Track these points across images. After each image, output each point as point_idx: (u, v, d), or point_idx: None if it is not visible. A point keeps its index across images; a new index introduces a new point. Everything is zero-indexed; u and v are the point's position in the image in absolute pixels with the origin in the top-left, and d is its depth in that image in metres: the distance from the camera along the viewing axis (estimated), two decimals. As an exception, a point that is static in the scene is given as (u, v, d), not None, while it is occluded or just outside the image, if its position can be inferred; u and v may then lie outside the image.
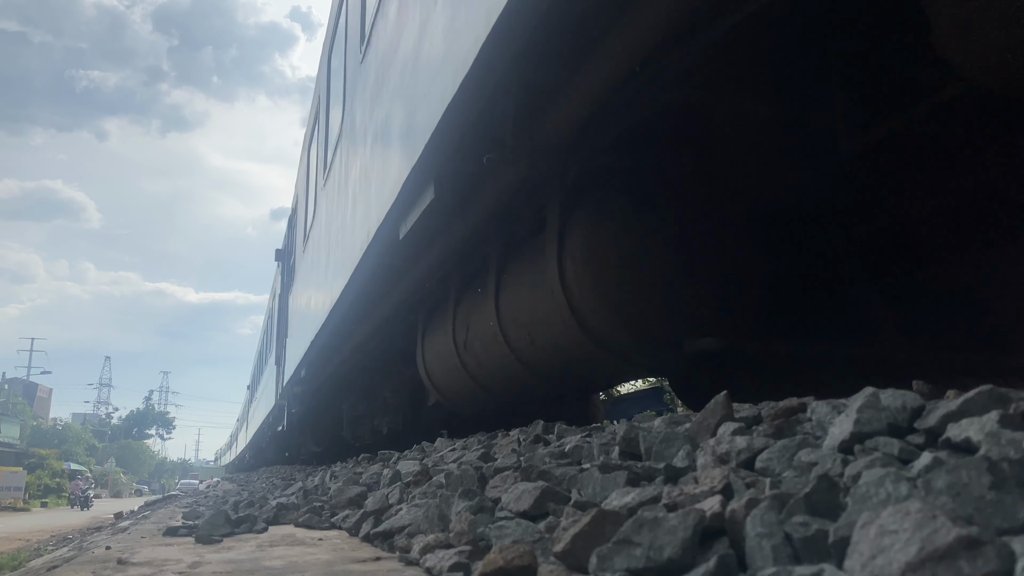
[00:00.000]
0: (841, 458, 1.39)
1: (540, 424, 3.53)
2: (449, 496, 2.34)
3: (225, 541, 2.71)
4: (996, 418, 1.21)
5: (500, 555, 1.40)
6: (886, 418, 1.48)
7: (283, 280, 14.16)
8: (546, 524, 1.73)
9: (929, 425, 1.41)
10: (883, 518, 0.93)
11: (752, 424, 1.95)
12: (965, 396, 1.39)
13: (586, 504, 1.72)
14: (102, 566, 2.18)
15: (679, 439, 2.01)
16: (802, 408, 1.91)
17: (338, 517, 3.07)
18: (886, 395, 1.55)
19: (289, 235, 14.01)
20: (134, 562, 2.24)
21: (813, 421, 1.79)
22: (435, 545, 1.84)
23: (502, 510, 1.97)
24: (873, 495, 1.12)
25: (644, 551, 1.19)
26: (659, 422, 2.48)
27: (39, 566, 2.66)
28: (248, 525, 3.08)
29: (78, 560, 2.39)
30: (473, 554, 1.65)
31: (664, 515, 1.23)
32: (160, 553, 2.45)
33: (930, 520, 0.88)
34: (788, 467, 1.52)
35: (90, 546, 3.02)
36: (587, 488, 1.88)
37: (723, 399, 2.04)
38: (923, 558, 0.84)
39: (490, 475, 2.50)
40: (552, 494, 1.90)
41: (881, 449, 1.38)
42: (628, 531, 1.23)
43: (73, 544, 4.38)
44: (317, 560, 2.12)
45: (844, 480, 1.27)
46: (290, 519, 3.38)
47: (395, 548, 2.14)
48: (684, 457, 1.89)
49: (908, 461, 1.30)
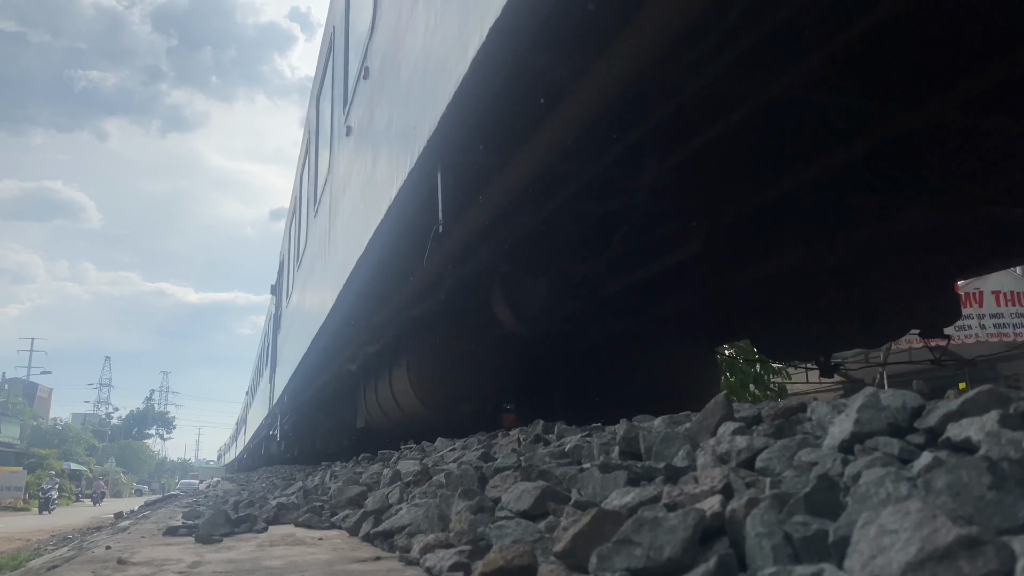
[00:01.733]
0: (841, 458, 1.40)
1: (540, 424, 3.55)
2: (449, 496, 2.34)
3: (225, 541, 2.71)
4: (996, 418, 1.21)
5: (500, 555, 1.40)
6: (886, 418, 1.48)
7: (275, 313, 17.41)
8: (546, 524, 1.73)
9: (929, 425, 1.41)
10: (883, 518, 0.93)
11: (752, 424, 1.95)
12: (965, 396, 1.39)
13: (586, 504, 1.72)
14: (102, 566, 2.18)
15: (679, 439, 2.02)
16: (802, 408, 1.91)
17: (338, 517, 3.07)
18: (886, 395, 1.55)
19: (278, 278, 16.96)
20: (134, 562, 2.24)
21: (813, 421, 1.79)
22: (435, 545, 1.84)
23: (502, 510, 1.97)
24: (873, 495, 1.12)
25: (644, 551, 1.19)
26: (659, 422, 2.48)
27: (39, 566, 2.66)
28: (248, 525, 3.08)
29: (78, 560, 2.39)
30: (473, 554, 1.65)
31: (664, 515, 1.23)
32: (160, 553, 2.45)
33: (930, 520, 0.88)
34: (788, 467, 1.52)
35: (90, 546, 3.02)
36: (587, 488, 1.88)
37: (723, 399, 2.04)
38: (923, 558, 0.84)
39: (490, 475, 2.50)
40: (552, 494, 1.90)
41: (881, 449, 1.38)
42: (628, 531, 1.23)
43: (73, 544, 4.38)
44: (317, 560, 2.12)
45: (844, 480, 1.27)
46: (290, 519, 3.38)
47: (395, 548, 2.14)
48: (684, 457, 1.89)
49: (908, 461, 1.30)
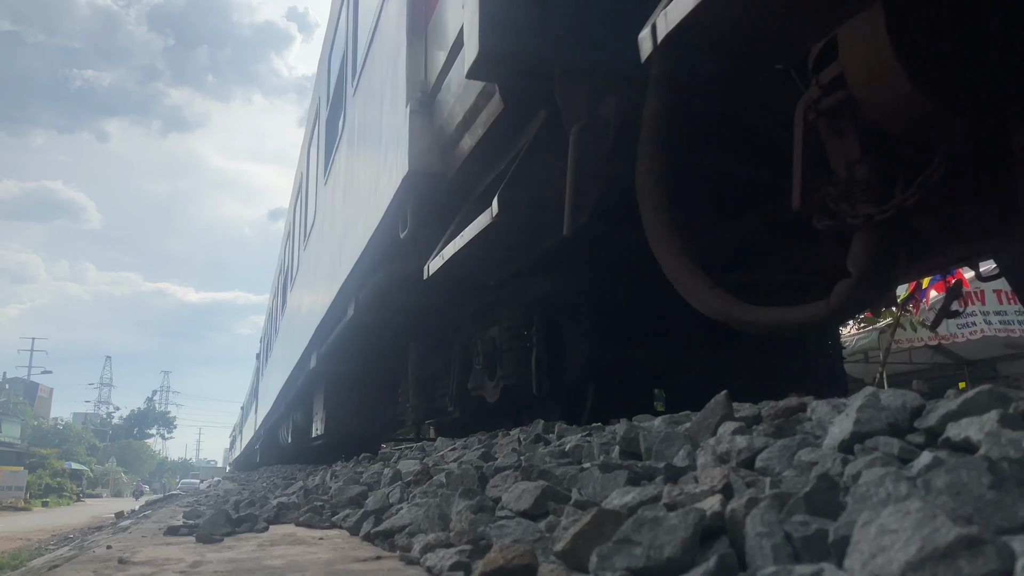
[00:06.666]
0: (841, 457, 1.40)
1: (540, 424, 3.55)
2: (449, 495, 2.34)
3: (226, 540, 2.71)
4: (996, 417, 1.22)
5: (500, 554, 1.40)
6: (886, 418, 1.48)
7: (258, 375, 22.71)
8: (546, 523, 1.73)
9: (929, 424, 1.41)
10: (883, 517, 0.93)
11: (752, 423, 1.96)
12: (965, 396, 1.39)
13: (586, 503, 1.72)
14: (103, 565, 2.18)
15: (679, 438, 2.02)
16: (802, 407, 1.91)
17: (339, 516, 3.08)
18: (886, 395, 1.55)
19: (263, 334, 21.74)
20: (135, 561, 2.24)
21: (813, 420, 1.79)
22: (435, 544, 1.84)
23: (502, 509, 1.97)
24: (873, 494, 1.12)
25: (644, 550, 1.19)
26: (659, 422, 2.48)
27: (40, 565, 2.66)
28: (249, 524, 3.08)
29: (79, 559, 2.39)
30: (473, 553, 1.65)
31: (664, 514, 1.23)
32: (161, 552, 2.45)
33: (930, 519, 0.88)
34: (788, 466, 1.52)
35: (91, 545, 3.02)
36: (587, 487, 1.88)
37: (723, 399, 2.04)
38: (923, 557, 0.84)
39: (490, 474, 2.50)
40: (552, 493, 1.90)
41: (881, 448, 1.38)
42: (628, 530, 1.23)
43: (74, 543, 4.38)
44: (318, 559, 2.12)
45: (844, 479, 1.27)
46: (291, 518, 3.38)
47: (396, 547, 2.14)
48: (684, 456, 1.89)
49: (908, 460, 1.30)
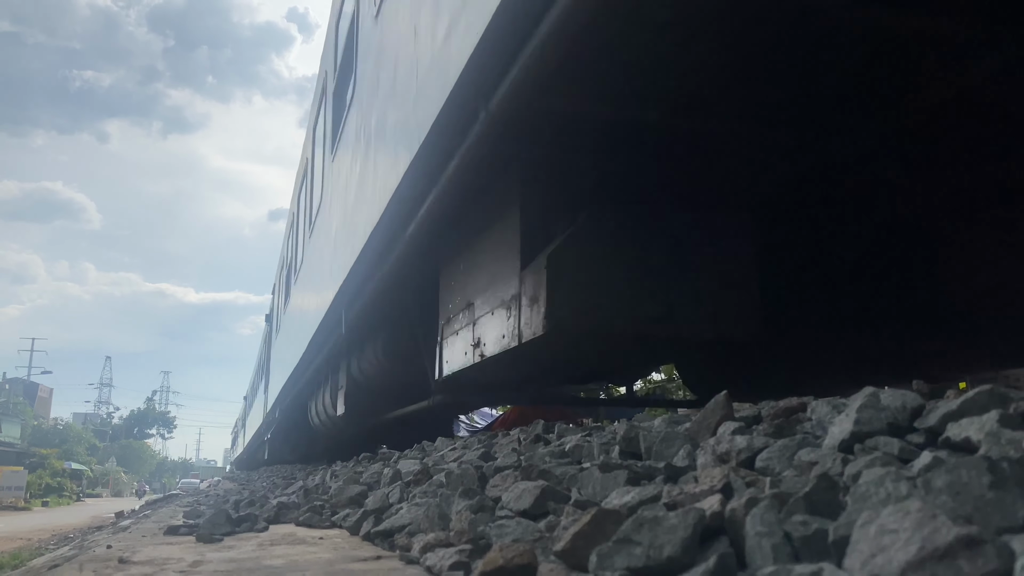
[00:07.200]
0: (841, 457, 1.40)
1: (540, 424, 3.55)
2: (449, 495, 2.34)
3: (226, 540, 2.71)
4: (996, 418, 1.22)
5: (500, 554, 1.40)
6: (886, 418, 1.48)
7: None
8: (546, 523, 1.73)
9: (929, 425, 1.41)
10: (883, 517, 0.93)
11: (752, 423, 1.95)
12: (965, 396, 1.39)
13: (586, 503, 1.72)
14: (103, 565, 2.18)
15: (679, 438, 2.02)
16: (802, 407, 1.91)
17: (339, 516, 3.08)
18: (886, 395, 1.55)
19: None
20: (135, 561, 2.24)
21: (813, 420, 1.79)
22: (435, 544, 1.84)
23: (502, 509, 1.97)
24: (873, 494, 1.12)
25: (644, 550, 1.19)
26: (659, 422, 2.48)
27: (40, 565, 2.66)
28: (249, 524, 3.08)
29: (79, 559, 2.39)
30: (473, 553, 1.65)
31: (664, 514, 1.23)
32: (161, 552, 2.45)
33: (930, 519, 0.88)
34: (788, 466, 1.52)
35: (91, 545, 3.02)
36: (587, 487, 1.88)
37: (723, 399, 2.04)
38: (923, 557, 0.84)
39: (490, 474, 2.50)
40: (552, 493, 1.90)
41: (881, 448, 1.38)
42: (628, 530, 1.23)
43: (74, 543, 4.38)
44: (318, 559, 2.12)
45: (844, 479, 1.28)
46: (291, 518, 3.38)
47: (395, 547, 2.14)
48: (684, 456, 1.89)
49: (908, 460, 1.30)
